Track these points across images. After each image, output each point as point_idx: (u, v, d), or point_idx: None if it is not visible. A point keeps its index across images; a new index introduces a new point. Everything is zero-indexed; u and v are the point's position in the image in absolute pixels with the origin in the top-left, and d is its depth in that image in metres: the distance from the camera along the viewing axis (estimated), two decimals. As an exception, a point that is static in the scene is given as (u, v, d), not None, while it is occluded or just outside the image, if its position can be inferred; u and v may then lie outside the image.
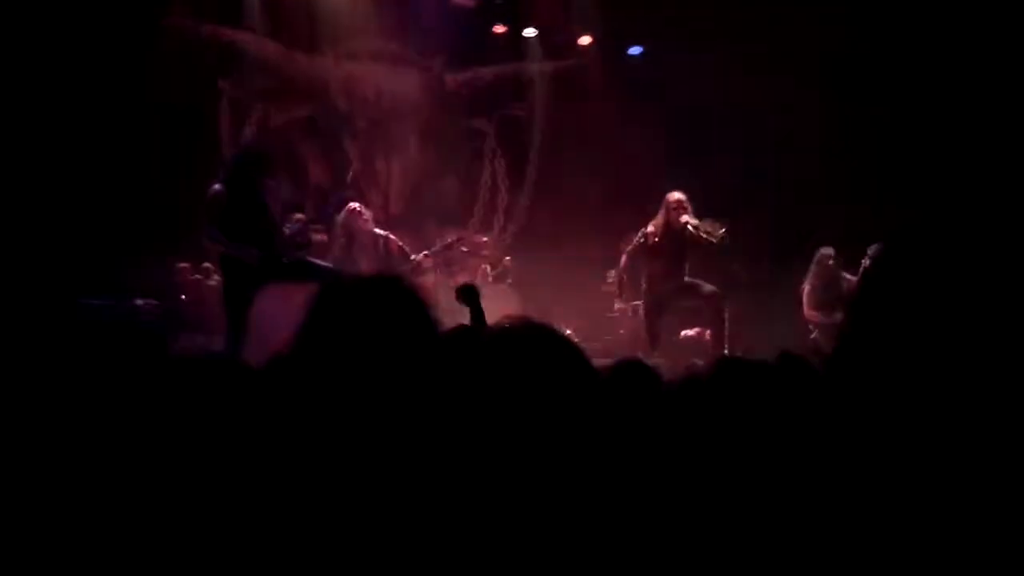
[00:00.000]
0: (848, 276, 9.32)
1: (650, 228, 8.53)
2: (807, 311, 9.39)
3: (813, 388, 2.01)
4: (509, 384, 1.63)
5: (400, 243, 8.69)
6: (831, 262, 9.36)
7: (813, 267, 9.45)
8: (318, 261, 7.35)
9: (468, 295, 4.77)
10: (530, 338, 1.78)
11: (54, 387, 2.80)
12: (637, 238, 8.59)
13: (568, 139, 12.39)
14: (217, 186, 6.82)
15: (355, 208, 8.77)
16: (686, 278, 8.59)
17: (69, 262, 8.67)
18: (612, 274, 9.92)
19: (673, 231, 8.39)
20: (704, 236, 8.24)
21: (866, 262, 9.08)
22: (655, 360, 8.05)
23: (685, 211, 8.37)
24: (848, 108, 10.30)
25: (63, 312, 7.47)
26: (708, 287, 8.61)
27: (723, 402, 2.28)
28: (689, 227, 8.29)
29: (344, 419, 1.67)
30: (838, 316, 9.05)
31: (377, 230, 8.66)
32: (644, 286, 8.71)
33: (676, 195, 8.46)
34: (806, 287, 9.45)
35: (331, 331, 1.74)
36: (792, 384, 2.13)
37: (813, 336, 9.25)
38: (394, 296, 1.78)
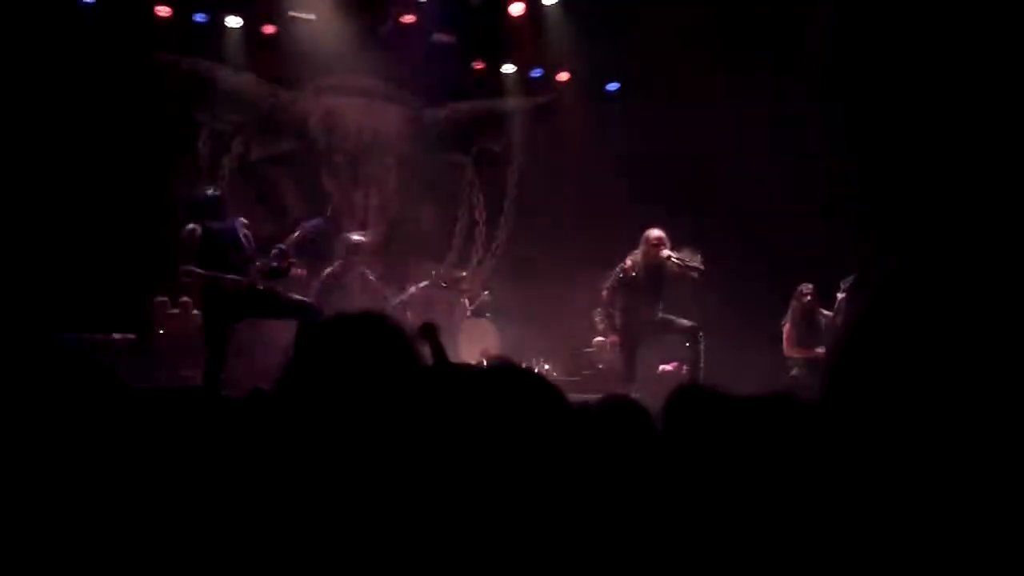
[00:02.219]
0: (824, 312, 9.39)
1: (628, 263, 8.60)
2: (787, 348, 9.44)
3: (794, 422, 2.05)
4: (484, 425, 1.66)
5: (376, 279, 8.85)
6: (808, 298, 9.43)
7: (792, 303, 9.51)
8: (296, 296, 7.37)
9: (427, 333, 4.82)
10: (505, 379, 1.81)
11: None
12: (615, 273, 8.65)
13: (546, 174, 12.44)
14: (190, 225, 6.89)
15: (361, 240, 8.91)
16: (661, 313, 8.66)
17: (46, 297, 8.64)
18: (598, 312, 9.99)
19: (652, 266, 8.48)
20: (688, 266, 8.36)
21: (841, 295, 9.20)
22: (635, 395, 8.09)
23: (665, 246, 8.47)
24: (824, 143, 10.40)
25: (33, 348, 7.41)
26: (684, 321, 8.69)
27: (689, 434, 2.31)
28: (673, 260, 8.39)
29: (327, 455, 1.69)
30: (819, 351, 9.12)
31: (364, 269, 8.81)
32: (620, 320, 8.76)
33: (656, 232, 8.56)
34: (786, 324, 9.51)
35: (318, 368, 1.76)
36: (772, 418, 2.17)
37: (793, 373, 9.28)
38: (381, 333, 1.80)
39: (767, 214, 10.54)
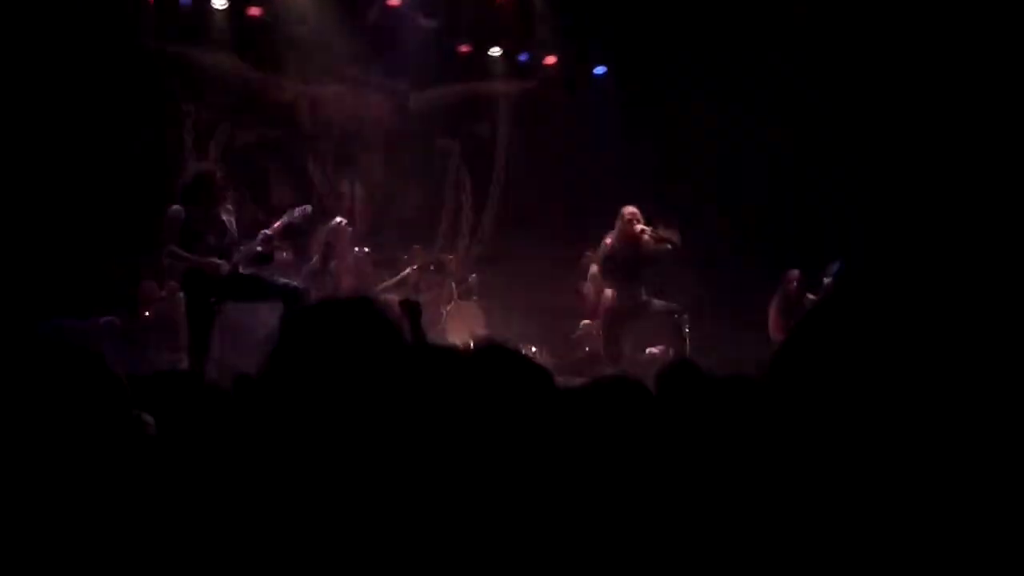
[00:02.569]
0: (811, 296, 9.44)
1: (607, 241, 8.64)
2: (773, 332, 9.48)
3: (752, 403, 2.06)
4: (474, 405, 1.65)
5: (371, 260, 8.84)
6: (795, 284, 9.48)
7: (780, 288, 9.56)
8: (280, 279, 7.34)
9: (408, 310, 4.78)
10: (495, 360, 1.80)
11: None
12: (600, 250, 8.70)
13: (533, 158, 12.44)
14: (175, 206, 6.85)
15: (342, 224, 8.88)
16: (644, 296, 8.68)
17: (32, 281, 8.61)
18: (587, 285, 10.05)
19: (630, 244, 8.49)
20: (662, 237, 8.40)
21: (827, 280, 9.24)
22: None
23: (638, 221, 8.49)
24: (811, 126, 10.42)
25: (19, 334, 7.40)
26: (667, 303, 8.72)
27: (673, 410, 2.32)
28: (646, 235, 8.41)
29: (313, 438, 1.68)
30: None
31: (355, 248, 8.76)
32: (603, 304, 8.79)
33: (629, 208, 8.58)
34: (772, 308, 9.56)
35: (304, 352, 1.75)
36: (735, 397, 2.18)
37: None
38: (367, 317, 1.80)
39: (756, 197, 10.57)
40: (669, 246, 8.50)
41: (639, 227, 8.45)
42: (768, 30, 10.48)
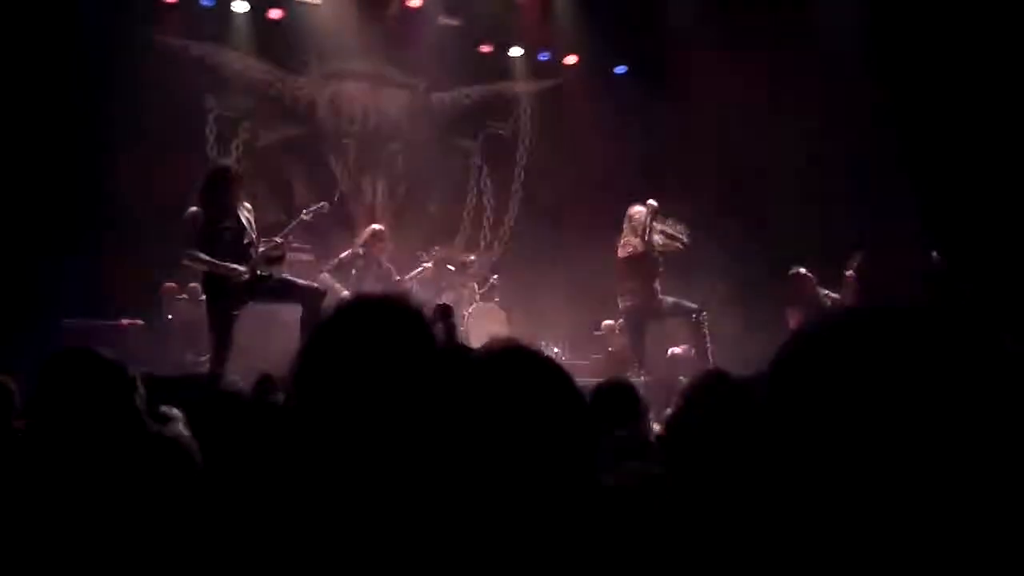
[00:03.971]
0: (829, 293, 9.36)
1: (622, 242, 8.69)
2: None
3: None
4: (494, 408, 1.63)
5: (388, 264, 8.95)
6: (808, 280, 9.41)
7: (792, 287, 9.49)
8: (300, 280, 7.34)
9: (442, 314, 4.80)
10: (515, 361, 1.78)
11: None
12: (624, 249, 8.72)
13: (553, 158, 12.42)
14: (193, 208, 6.84)
15: (380, 231, 8.99)
16: (660, 295, 8.70)
17: (55, 283, 8.65)
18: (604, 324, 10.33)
19: (644, 242, 8.54)
20: (673, 236, 8.45)
21: (849, 273, 9.18)
22: (645, 378, 8.10)
23: (644, 220, 8.55)
24: (829, 123, 10.37)
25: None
26: (686, 303, 8.72)
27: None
28: (658, 231, 8.48)
29: (344, 438, 1.66)
30: None
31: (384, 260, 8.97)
32: (622, 304, 8.81)
33: (637, 207, 8.64)
34: (792, 311, 9.49)
35: (336, 350, 1.72)
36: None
37: None
38: (401, 316, 1.77)
39: (773, 197, 10.52)
40: (679, 244, 8.55)
41: (645, 226, 8.48)
42: (792, 27, 10.43)
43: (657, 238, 8.55)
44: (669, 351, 9.83)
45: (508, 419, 1.60)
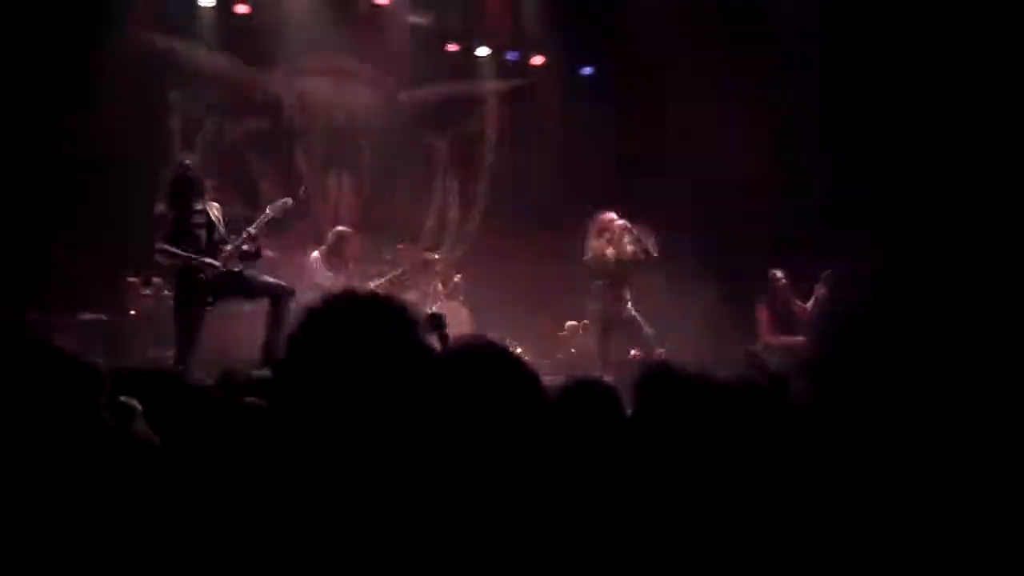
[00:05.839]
0: (798, 302, 9.46)
1: (593, 245, 8.75)
2: (765, 335, 9.49)
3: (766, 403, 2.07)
4: (464, 403, 1.66)
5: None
6: (782, 282, 9.51)
7: (767, 290, 9.59)
8: (268, 277, 7.33)
9: (436, 323, 4.89)
10: (485, 357, 1.81)
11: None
12: (592, 251, 8.77)
13: (520, 157, 12.44)
14: (160, 206, 6.85)
15: (349, 233, 8.99)
16: (629, 304, 8.78)
17: (14, 276, 8.57)
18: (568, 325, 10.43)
19: (604, 249, 8.61)
20: (640, 247, 8.54)
21: (819, 288, 9.28)
22: (606, 379, 8.15)
23: (612, 228, 8.68)
24: (799, 127, 10.43)
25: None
26: (646, 329, 8.80)
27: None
28: (625, 241, 8.56)
29: (331, 434, 1.66)
30: (797, 339, 9.20)
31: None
32: (592, 306, 8.88)
33: (608, 214, 8.81)
34: (761, 310, 9.58)
35: (322, 346, 1.72)
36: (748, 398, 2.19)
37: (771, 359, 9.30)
38: (390, 315, 1.77)
39: (742, 199, 10.59)
40: (643, 256, 8.64)
41: (611, 234, 8.62)
42: (758, 29, 10.51)
43: (629, 249, 8.66)
44: (631, 352, 9.88)
45: (475, 414, 1.63)
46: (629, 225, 8.71)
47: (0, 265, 8.65)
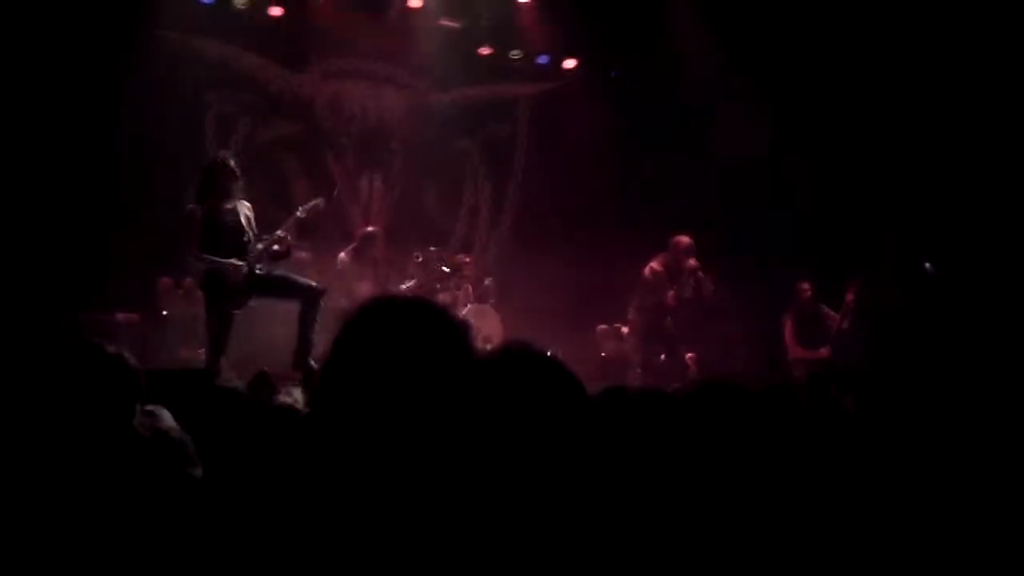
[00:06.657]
0: (828, 311, 9.40)
1: (655, 266, 8.76)
2: (791, 349, 9.45)
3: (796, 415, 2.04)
4: (508, 408, 1.64)
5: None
6: (808, 294, 9.46)
7: (793, 301, 9.55)
8: (298, 277, 7.33)
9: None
10: (528, 363, 1.80)
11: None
12: (655, 273, 8.77)
13: (552, 160, 12.43)
14: (191, 205, 6.84)
15: (377, 232, 9.01)
16: (669, 317, 8.91)
17: (50, 276, 8.64)
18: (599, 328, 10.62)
19: (679, 273, 8.64)
20: (704, 283, 8.60)
21: (850, 296, 9.21)
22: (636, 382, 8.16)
23: (692, 255, 8.74)
24: (828, 135, 10.37)
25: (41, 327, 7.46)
26: (681, 351, 9.02)
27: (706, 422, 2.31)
28: (698, 274, 8.69)
29: (374, 438, 1.64)
30: (822, 352, 9.15)
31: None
32: (641, 316, 8.93)
33: (686, 239, 8.79)
34: (787, 321, 9.54)
35: (366, 350, 1.70)
36: (773, 409, 2.16)
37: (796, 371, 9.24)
38: (436, 317, 1.75)
39: (771, 204, 10.53)
40: (696, 299, 8.73)
41: (692, 262, 8.76)
42: (790, 33, 10.44)
43: (688, 292, 8.75)
44: (661, 357, 9.85)
45: (519, 420, 1.61)
46: (698, 268, 8.74)
47: (36, 264, 8.72)
